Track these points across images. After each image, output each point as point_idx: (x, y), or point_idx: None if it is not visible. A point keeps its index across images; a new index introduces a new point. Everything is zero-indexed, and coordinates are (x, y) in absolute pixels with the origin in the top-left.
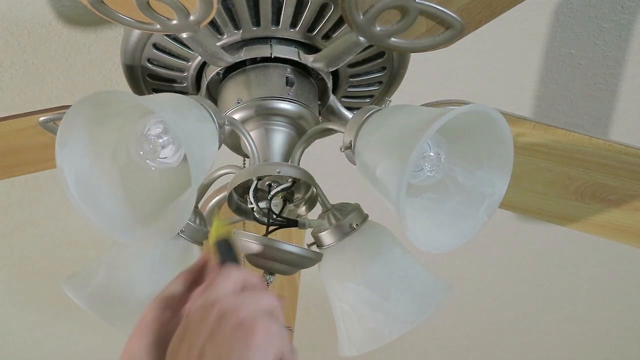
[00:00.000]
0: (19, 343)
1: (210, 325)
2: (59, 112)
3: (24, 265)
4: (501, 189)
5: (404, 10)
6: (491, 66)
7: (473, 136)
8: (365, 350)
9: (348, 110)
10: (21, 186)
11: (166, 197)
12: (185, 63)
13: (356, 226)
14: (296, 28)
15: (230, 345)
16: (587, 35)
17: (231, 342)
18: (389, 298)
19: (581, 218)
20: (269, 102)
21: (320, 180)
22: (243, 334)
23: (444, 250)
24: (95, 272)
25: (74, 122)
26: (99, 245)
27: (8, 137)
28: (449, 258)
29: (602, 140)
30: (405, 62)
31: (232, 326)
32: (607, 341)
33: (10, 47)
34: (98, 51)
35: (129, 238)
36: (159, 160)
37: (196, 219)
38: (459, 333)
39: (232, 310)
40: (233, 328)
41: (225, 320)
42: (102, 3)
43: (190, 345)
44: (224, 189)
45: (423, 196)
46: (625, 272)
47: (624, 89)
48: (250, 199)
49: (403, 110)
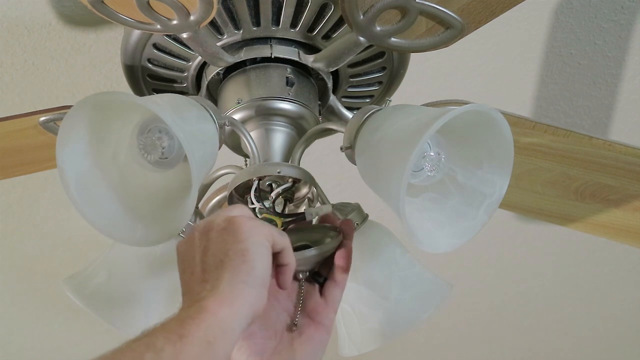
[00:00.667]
0: (19, 343)
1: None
2: (60, 112)
3: (24, 265)
4: (501, 189)
5: (404, 10)
6: (491, 66)
7: (473, 136)
8: (366, 350)
9: (348, 110)
10: (21, 186)
11: (166, 198)
12: (185, 63)
13: (356, 226)
14: (296, 28)
15: (225, 247)
16: (587, 35)
17: (224, 244)
18: (389, 298)
19: (581, 218)
20: (269, 102)
21: (320, 180)
22: (229, 232)
23: (444, 250)
24: (95, 273)
25: (74, 122)
26: (99, 245)
27: (8, 137)
28: (449, 258)
29: (602, 140)
30: (405, 62)
31: (216, 234)
32: (607, 341)
33: (10, 47)
34: (98, 51)
35: (129, 238)
36: (159, 160)
37: (196, 219)
38: (459, 333)
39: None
40: (218, 233)
41: (209, 232)
42: (102, 3)
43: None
44: (224, 189)
45: (423, 196)
46: (625, 272)
47: (624, 89)
48: (252, 199)
49: (403, 110)
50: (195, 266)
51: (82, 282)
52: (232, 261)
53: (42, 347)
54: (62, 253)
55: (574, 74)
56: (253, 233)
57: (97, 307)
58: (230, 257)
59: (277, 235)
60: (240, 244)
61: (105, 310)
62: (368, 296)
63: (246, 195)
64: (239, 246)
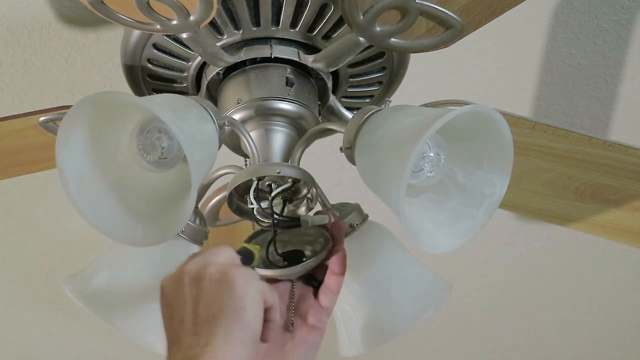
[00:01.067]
0: (19, 343)
1: (187, 292)
2: (59, 112)
3: (24, 265)
4: (501, 189)
5: (404, 11)
6: (491, 66)
7: (473, 136)
8: (365, 350)
9: (348, 110)
10: (21, 186)
11: (166, 198)
12: (185, 63)
13: (356, 226)
14: (296, 28)
15: (219, 302)
16: (587, 35)
17: (217, 298)
18: (389, 298)
19: (581, 218)
20: (269, 103)
21: (320, 180)
22: (224, 286)
23: (444, 250)
24: (95, 273)
25: (74, 122)
26: (99, 245)
27: (8, 137)
28: (449, 258)
29: (602, 140)
30: (405, 62)
31: (209, 284)
32: (607, 341)
33: (10, 47)
34: (98, 51)
35: (129, 238)
36: (158, 160)
37: (196, 219)
38: (459, 333)
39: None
40: (211, 285)
41: (201, 282)
42: (102, 3)
43: (181, 319)
44: (224, 189)
45: (423, 196)
46: (625, 272)
47: (624, 89)
48: (251, 200)
49: (403, 111)
50: (185, 315)
51: (82, 282)
52: (226, 318)
53: (42, 347)
54: (62, 253)
55: (574, 74)
56: (248, 290)
57: (97, 307)
58: (225, 313)
59: (268, 293)
60: (236, 301)
61: (105, 310)
62: (368, 296)
63: (246, 195)
64: (234, 303)
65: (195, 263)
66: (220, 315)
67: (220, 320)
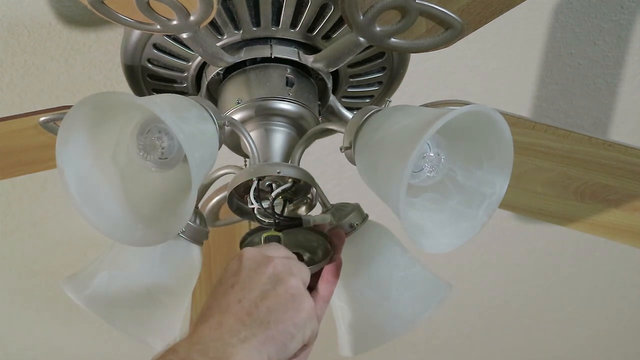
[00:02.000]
0: (19, 343)
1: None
2: (60, 112)
3: (24, 265)
4: (501, 189)
5: (404, 11)
6: (491, 66)
7: (473, 136)
8: (365, 350)
9: (348, 110)
10: (21, 186)
11: (166, 198)
12: (185, 63)
13: (356, 226)
14: (296, 28)
15: (281, 312)
16: (587, 35)
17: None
18: (389, 298)
19: (581, 218)
20: (269, 103)
21: (320, 180)
22: (294, 304)
23: (444, 250)
24: (95, 273)
25: (74, 122)
26: (99, 245)
27: (8, 137)
28: (449, 258)
29: (602, 140)
30: (405, 62)
31: (285, 292)
32: (607, 341)
33: (10, 47)
34: (98, 51)
35: (129, 238)
36: (159, 160)
37: (196, 219)
38: (459, 333)
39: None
40: (286, 295)
41: (280, 284)
42: (102, 3)
43: (241, 298)
44: (224, 189)
45: (423, 196)
46: (625, 272)
47: (624, 89)
48: (252, 200)
49: (403, 111)
50: (247, 298)
51: (82, 282)
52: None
53: (42, 347)
54: (62, 253)
55: (574, 74)
56: (307, 324)
57: (97, 307)
58: (277, 328)
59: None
60: (293, 327)
61: (105, 310)
62: (368, 296)
63: (246, 195)
64: (289, 327)
65: (285, 264)
66: (272, 327)
67: (269, 331)
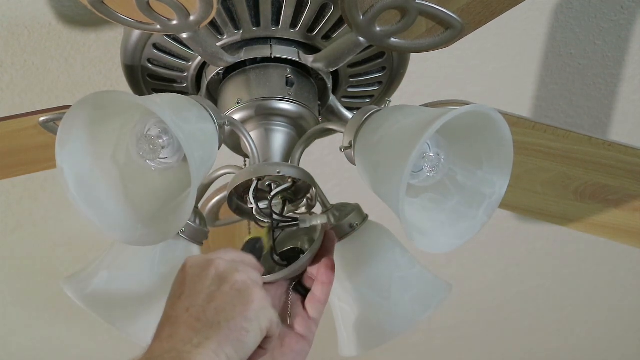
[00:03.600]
0: (19, 343)
1: (208, 285)
2: (59, 112)
3: (24, 265)
4: (501, 189)
5: (404, 11)
6: (491, 66)
7: (473, 136)
8: (365, 350)
9: (348, 110)
10: (21, 186)
11: (166, 197)
12: (185, 63)
13: (356, 226)
14: (296, 28)
15: (230, 310)
16: (587, 35)
17: (230, 307)
18: (389, 298)
19: (581, 218)
20: (269, 102)
21: (320, 180)
22: (241, 299)
23: (444, 250)
24: (95, 272)
25: (74, 122)
26: (99, 245)
27: (8, 137)
28: (449, 258)
29: (602, 140)
30: (405, 62)
31: (230, 289)
32: (607, 341)
33: (10, 47)
34: (98, 51)
35: (129, 238)
36: (159, 160)
37: (196, 219)
38: (459, 333)
39: (228, 271)
40: (232, 291)
41: (224, 283)
42: (102, 3)
43: (189, 306)
44: (224, 189)
45: (423, 196)
46: (625, 272)
47: (624, 89)
48: (251, 199)
49: (403, 111)
50: (194, 304)
51: (82, 282)
52: (227, 331)
53: (42, 347)
54: (62, 253)
55: (574, 74)
56: (260, 315)
57: (97, 307)
58: (229, 327)
59: (275, 324)
60: (244, 321)
61: (105, 310)
62: (368, 296)
63: (245, 195)
64: (241, 322)
65: (228, 261)
66: (224, 326)
67: (221, 331)
